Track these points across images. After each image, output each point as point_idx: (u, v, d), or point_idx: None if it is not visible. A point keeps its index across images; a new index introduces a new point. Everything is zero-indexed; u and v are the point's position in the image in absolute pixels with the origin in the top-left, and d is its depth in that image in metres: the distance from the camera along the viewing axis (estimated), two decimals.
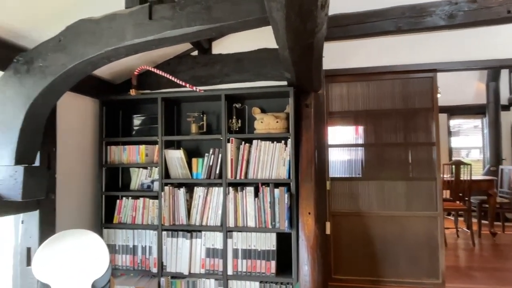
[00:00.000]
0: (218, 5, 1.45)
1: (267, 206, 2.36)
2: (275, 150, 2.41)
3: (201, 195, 2.51)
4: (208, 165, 2.50)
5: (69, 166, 2.42)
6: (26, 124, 1.73)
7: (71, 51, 1.65)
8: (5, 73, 1.75)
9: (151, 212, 2.61)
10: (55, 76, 1.68)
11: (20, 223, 2.11)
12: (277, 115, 2.44)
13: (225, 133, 2.45)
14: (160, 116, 2.58)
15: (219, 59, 2.78)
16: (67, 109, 2.40)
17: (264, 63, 2.68)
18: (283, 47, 1.60)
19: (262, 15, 1.42)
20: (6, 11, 1.63)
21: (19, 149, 1.73)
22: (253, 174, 2.42)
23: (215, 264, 2.44)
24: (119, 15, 1.59)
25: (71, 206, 2.45)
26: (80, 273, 1.93)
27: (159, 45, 1.64)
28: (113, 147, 2.73)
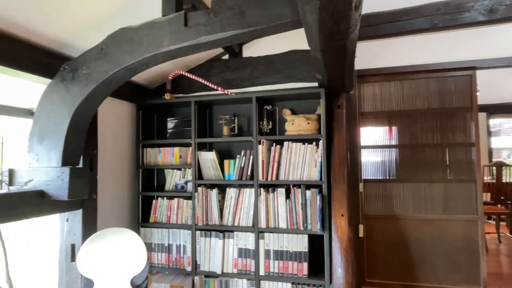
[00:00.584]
0: (251, 10, 1.48)
1: (299, 207, 2.37)
2: (306, 152, 2.41)
3: (233, 196, 2.55)
4: (240, 166, 2.54)
5: (108, 168, 2.55)
6: (72, 128, 1.85)
7: (112, 58, 1.74)
8: (53, 81, 1.88)
9: (185, 212, 2.69)
10: (98, 83, 1.78)
11: (65, 221, 2.24)
12: (308, 117, 2.44)
13: (256, 135, 2.48)
14: (193, 119, 2.65)
15: (250, 62, 2.81)
16: (106, 114, 2.53)
17: (294, 65, 2.69)
18: (315, 48, 1.61)
19: (295, 18, 1.43)
20: (52, 23, 1.75)
21: (65, 152, 1.85)
22: (284, 175, 2.43)
23: (247, 264, 2.47)
24: (156, 23, 1.66)
25: (110, 206, 2.57)
26: (120, 270, 2.03)
27: (194, 51, 1.69)
28: (149, 149, 2.83)
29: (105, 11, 1.81)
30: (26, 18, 1.63)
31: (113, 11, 1.83)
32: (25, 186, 1.88)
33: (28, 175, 1.87)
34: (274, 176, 2.44)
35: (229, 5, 1.52)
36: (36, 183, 1.86)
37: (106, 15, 1.84)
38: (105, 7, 1.77)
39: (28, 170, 1.88)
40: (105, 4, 1.76)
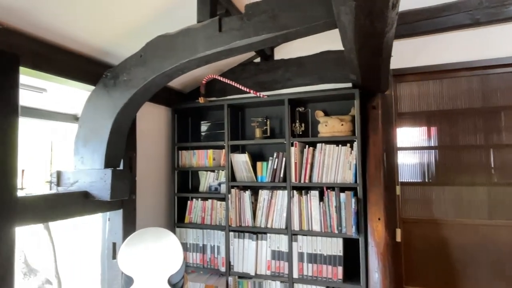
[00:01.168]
0: (284, 13, 1.49)
1: (333, 210, 2.33)
2: (340, 154, 2.37)
3: (265, 197, 2.56)
4: (272, 168, 2.55)
5: (146, 169, 2.65)
6: (113, 132, 1.94)
7: (150, 65, 1.82)
8: (96, 87, 1.99)
9: (218, 213, 2.73)
10: (137, 89, 1.86)
11: (107, 220, 2.36)
12: (342, 118, 2.40)
13: (288, 137, 2.48)
14: (226, 122, 2.69)
15: (281, 64, 2.82)
16: (144, 118, 2.63)
17: (327, 66, 2.66)
18: (350, 49, 1.58)
19: (329, 19, 1.42)
20: (94, 33, 1.85)
21: (107, 154, 1.95)
22: (318, 177, 2.41)
23: (280, 266, 2.47)
24: (192, 29, 1.71)
25: (148, 206, 2.67)
26: (157, 268, 2.10)
27: (228, 55, 1.73)
28: (184, 152, 2.92)
29: (143, 19, 1.89)
30: (73, 30, 1.74)
31: (151, 19, 1.91)
32: (71, 187, 2.00)
33: (74, 177, 1.99)
34: (307, 178, 2.42)
35: (263, 9, 1.53)
36: (81, 184, 1.97)
37: (144, 24, 1.92)
38: (143, 16, 1.85)
39: (74, 172, 2.00)
40: (143, 13, 1.84)
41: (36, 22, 1.59)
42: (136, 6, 1.77)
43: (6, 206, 1.50)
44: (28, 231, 2.23)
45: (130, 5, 1.74)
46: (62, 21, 1.65)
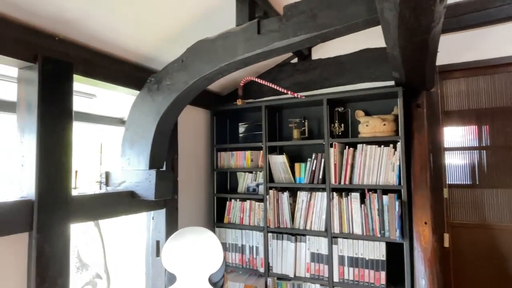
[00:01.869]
0: (324, 12, 1.47)
1: (375, 213, 2.26)
2: (383, 155, 2.29)
3: (304, 199, 2.54)
4: (311, 169, 2.52)
5: (187, 170, 2.73)
6: (157, 134, 2.02)
7: (191, 69, 1.87)
8: (141, 92, 2.08)
9: (257, 214, 2.75)
10: (179, 92, 1.92)
11: (151, 219, 2.46)
12: (384, 117, 2.32)
13: (327, 137, 2.43)
14: (264, 123, 2.70)
15: (319, 64, 2.78)
16: (185, 120, 2.71)
17: (367, 64, 2.58)
18: (393, 46, 1.53)
19: (370, 16, 1.38)
20: (139, 41, 1.94)
21: (152, 156, 2.03)
22: (359, 179, 2.35)
23: (320, 269, 2.43)
24: (231, 33, 1.74)
25: (189, 206, 2.75)
26: (199, 267, 2.15)
27: (266, 57, 1.73)
28: (223, 153, 2.97)
29: (184, 25, 1.95)
30: (120, 38, 1.84)
31: (191, 25, 1.96)
32: (118, 186, 2.10)
33: (121, 177, 2.10)
34: (348, 180, 2.37)
35: (301, 10, 1.52)
36: (127, 184, 2.07)
37: (185, 29, 1.98)
38: (184, 22, 1.91)
39: (121, 173, 2.10)
40: (184, 19, 1.90)
41: (87, 32, 1.70)
42: (177, 13, 1.83)
43: (62, 204, 1.61)
44: (80, 229, 2.39)
45: (171, 12, 1.81)
46: (110, 30, 1.75)
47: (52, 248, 1.56)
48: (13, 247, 1.48)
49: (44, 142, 1.54)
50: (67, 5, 1.49)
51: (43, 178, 1.53)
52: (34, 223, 1.50)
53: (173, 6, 1.76)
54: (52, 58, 1.59)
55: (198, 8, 1.84)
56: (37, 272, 1.49)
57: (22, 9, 1.43)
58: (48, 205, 1.55)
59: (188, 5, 1.79)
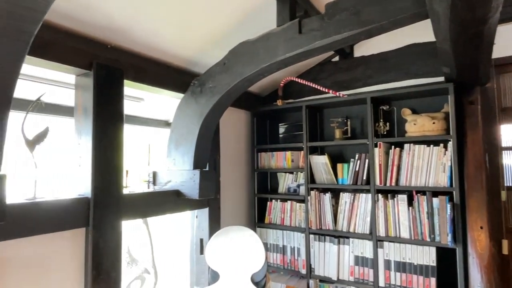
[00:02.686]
0: (368, 8, 1.43)
1: (424, 216, 2.14)
2: (432, 155, 2.17)
3: (347, 200, 2.48)
4: (354, 170, 2.45)
5: (228, 171, 2.78)
6: (200, 135, 2.08)
7: (233, 71, 1.91)
8: (185, 95, 2.16)
9: (298, 215, 2.73)
10: (221, 94, 1.97)
11: (195, 217, 2.54)
12: (433, 115, 2.20)
13: (372, 137, 2.36)
14: (305, 123, 2.68)
15: (362, 61, 2.70)
16: (226, 122, 2.76)
17: (413, 60, 2.46)
18: (443, 39, 1.44)
19: (418, 10, 1.32)
20: (183, 45, 2.01)
21: (196, 156, 2.10)
22: (406, 180, 2.24)
23: (364, 273, 2.36)
24: (272, 34, 1.75)
25: (230, 205, 2.80)
26: (241, 266, 2.18)
27: (308, 56, 1.72)
28: (263, 154, 2.98)
29: (225, 28, 1.99)
30: (165, 44, 1.92)
31: (233, 28, 2.00)
32: (165, 186, 2.20)
33: (167, 177, 2.19)
34: (394, 181, 2.27)
35: (344, 7, 1.49)
36: (173, 184, 2.15)
37: (227, 32, 2.02)
38: (225, 25, 1.95)
39: (167, 172, 2.19)
40: (225, 23, 1.93)
41: (134, 39, 1.79)
42: (218, 17, 1.87)
43: (115, 202, 1.72)
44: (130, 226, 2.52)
45: (213, 16, 1.85)
46: (155, 36, 1.83)
47: (106, 243, 1.66)
48: (72, 242, 1.60)
49: (99, 144, 1.65)
50: (116, 14, 1.58)
51: (98, 177, 1.63)
52: (90, 219, 1.61)
53: (215, 10, 1.80)
54: (105, 65, 1.70)
55: (239, 11, 1.87)
56: (93, 266, 1.60)
57: (78, 20, 1.54)
58: (102, 203, 1.65)
59: (229, 9, 1.83)
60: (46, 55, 1.49)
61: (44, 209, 1.44)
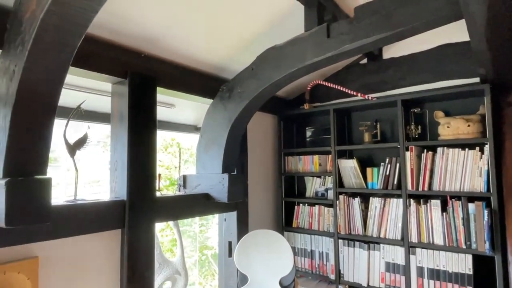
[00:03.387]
0: (399, 10, 1.41)
1: (459, 223, 2.07)
2: (467, 158, 2.09)
3: (377, 206, 2.43)
4: (385, 174, 2.40)
5: (255, 174, 2.80)
6: (229, 140, 2.12)
7: (261, 76, 1.93)
8: (214, 101, 2.21)
9: (326, 220, 2.70)
10: (249, 99, 2.00)
11: (223, 220, 2.57)
12: (468, 118, 2.12)
13: (403, 140, 2.30)
14: (332, 127, 2.66)
15: (391, 63, 2.65)
16: (253, 126, 2.79)
17: (445, 61, 2.39)
18: (479, 40, 1.40)
19: (452, 11, 1.29)
20: (211, 52, 2.06)
21: (224, 161, 2.14)
22: (439, 185, 2.17)
23: (396, 280, 2.30)
24: (300, 39, 1.76)
25: (258, 209, 2.81)
26: (270, 269, 2.19)
27: (336, 60, 1.72)
28: (290, 157, 2.98)
29: (253, 35, 2.02)
30: (195, 51, 1.98)
31: (260, 34, 2.02)
32: (195, 189, 2.25)
33: (197, 180, 2.24)
34: (426, 186, 2.21)
35: (374, 9, 1.48)
36: (203, 187, 2.20)
37: (254, 38, 2.05)
38: (252, 31, 1.98)
39: (197, 176, 2.24)
40: (252, 29, 1.96)
41: (166, 47, 1.86)
42: (246, 23, 1.90)
43: (148, 204, 1.78)
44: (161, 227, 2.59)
45: (241, 23, 1.89)
46: (185, 44, 1.89)
47: (140, 243, 1.73)
48: (108, 242, 1.68)
49: (134, 149, 1.72)
50: (151, 24, 1.65)
51: (133, 181, 1.70)
52: (125, 221, 1.68)
53: (242, 17, 1.84)
54: (139, 73, 1.78)
55: (266, 17, 1.90)
56: (128, 265, 1.67)
57: (115, 31, 1.62)
58: (137, 205, 1.72)
59: (256, 15, 1.86)
60: (85, 65, 1.57)
61: (84, 211, 1.52)
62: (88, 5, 1.01)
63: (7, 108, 1.18)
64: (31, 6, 1.08)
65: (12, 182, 1.15)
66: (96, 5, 1.02)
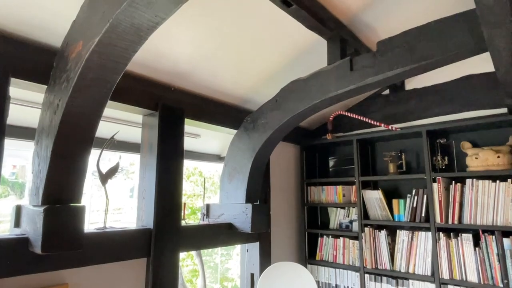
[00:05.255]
0: (422, 44, 1.44)
1: (494, 258, 1.96)
2: (499, 191, 2.02)
3: (405, 239, 2.35)
4: (412, 206, 2.34)
5: (278, 204, 2.79)
6: (253, 170, 2.15)
7: (285, 108, 1.98)
8: (238, 131, 2.26)
9: (351, 253, 2.62)
10: (273, 130, 2.04)
11: (246, 251, 2.55)
12: (498, 149, 2.07)
13: (429, 172, 2.25)
14: (356, 157, 2.64)
15: (414, 94, 2.65)
16: (276, 156, 2.82)
17: (471, 91, 2.37)
18: (506, 71, 1.40)
19: (476, 44, 1.30)
20: (237, 84, 2.13)
21: (248, 190, 2.15)
22: (470, 218, 2.09)
23: None
24: (323, 72, 1.81)
25: (281, 240, 2.77)
26: None
27: (360, 92, 1.75)
28: (313, 188, 2.96)
29: (276, 68, 2.09)
30: (221, 84, 2.06)
31: (284, 67, 2.10)
32: (218, 218, 2.26)
33: (220, 210, 2.26)
34: (456, 219, 2.13)
35: (396, 44, 1.52)
36: (226, 217, 2.21)
37: (278, 71, 2.12)
38: (276, 65, 2.06)
39: (220, 205, 2.26)
40: (276, 62, 2.04)
41: (195, 81, 1.95)
42: (271, 57, 1.98)
43: (174, 233, 1.80)
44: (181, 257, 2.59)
45: (266, 57, 1.97)
46: (213, 77, 1.98)
47: (164, 273, 1.73)
48: (134, 270, 1.69)
49: (162, 178, 1.77)
50: (181, 60, 1.75)
51: (160, 209, 1.74)
52: (151, 249, 1.70)
53: (267, 52, 1.92)
54: (168, 106, 1.86)
55: (290, 52, 1.97)
56: None
57: (148, 67, 1.73)
58: (163, 234, 1.74)
59: (281, 49, 1.93)
60: (120, 98, 1.67)
61: (113, 239, 1.56)
62: (129, 46, 1.10)
63: (49, 139, 1.26)
64: (77, 47, 1.19)
65: (50, 209, 1.21)
66: (136, 45, 1.11)
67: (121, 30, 1.03)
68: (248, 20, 1.62)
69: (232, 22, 1.60)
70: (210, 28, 1.60)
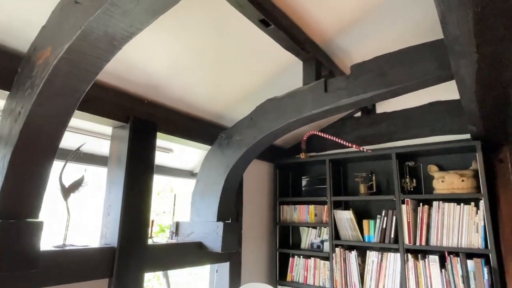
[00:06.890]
0: (393, 70, 1.50)
1: (459, 280, 2.01)
2: (463, 214, 2.09)
3: (374, 260, 2.36)
4: (381, 227, 2.37)
5: (250, 223, 2.74)
6: (226, 187, 2.11)
7: (260, 126, 1.98)
8: (212, 147, 2.23)
9: (322, 274, 2.61)
10: (248, 147, 2.02)
11: (215, 272, 2.46)
12: (462, 173, 2.16)
13: (398, 193, 2.31)
14: (328, 177, 2.66)
15: (385, 118, 2.74)
16: (249, 173, 2.79)
17: (437, 117, 2.48)
18: (469, 101, 1.47)
19: (443, 73, 1.37)
20: (212, 101, 2.11)
21: (220, 208, 2.10)
22: (436, 240, 2.14)
23: None
24: (298, 92, 1.84)
25: (251, 260, 2.71)
26: None
27: (333, 113, 1.78)
28: (285, 206, 2.95)
29: (253, 87, 2.10)
30: (196, 99, 2.04)
31: (260, 86, 2.11)
32: (187, 237, 2.18)
33: (190, 228, 2.18)
34: (424, 240, 2.17)
35: (369, 68, 1.57)
36: (196, 235, 2.14)
37: (254, 90, 2.13)
38: (253, 83, 2.07)
39: (190, 223, 2.19)
40: (252, 81, 2.05)
41: (170, 95, 1.91)
42: (247, 76, 1.99)
43: (139, 252, 1.71)
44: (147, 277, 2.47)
45: (241, 74, 1.97)
46: (189, 92, 1.95)
47: None
48: None
49: (129, 193, 1.69)
50: (154, 72, 1.71)
51: (125, 227, 1.65)
52: (114, 270, 1.60)
53: (244, 70, 1.92)
54: (140, 119, 1.81)
55: (266, 71, 1.99)
56: None
57: (122, 78, 1.68)
58: (127, 253, 1.65)
59: (258, 68, 1.95)
60: (89, 109, 1.60)
61: (72, 258, 1.46)
62: (101, 54, 1.06)
63: (7, 149, 1.18)
64: (45, 53, 1.13)
65: (3, 225, 1.11)
66: (109, 54, 1.08)
67: (94, 38, 0.99)
68: (226, 37, 1.62)
69: (210, 37, 1.60)
70: (187, 42, 1.59)
